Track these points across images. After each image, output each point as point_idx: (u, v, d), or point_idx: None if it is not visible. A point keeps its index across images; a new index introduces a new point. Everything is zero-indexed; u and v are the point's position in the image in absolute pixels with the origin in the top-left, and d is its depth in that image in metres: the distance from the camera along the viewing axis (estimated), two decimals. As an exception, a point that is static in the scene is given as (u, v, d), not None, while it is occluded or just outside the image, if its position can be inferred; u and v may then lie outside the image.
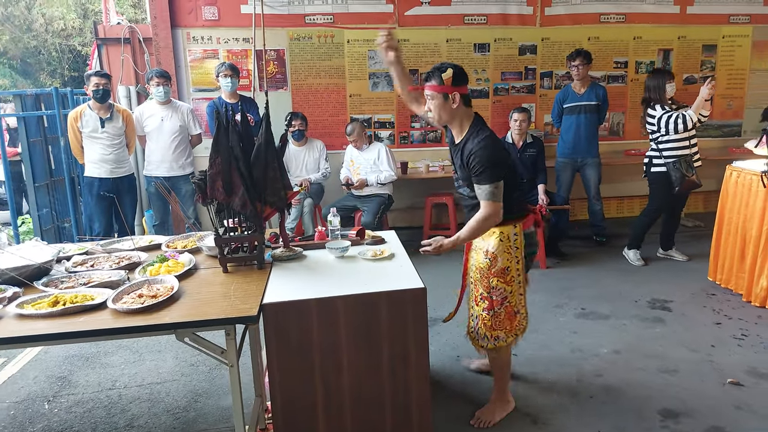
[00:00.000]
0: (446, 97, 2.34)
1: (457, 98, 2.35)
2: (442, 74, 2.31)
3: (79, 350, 3.40)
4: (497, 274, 2.40)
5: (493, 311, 2.44)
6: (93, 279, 2.25)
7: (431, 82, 2.36)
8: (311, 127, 5.26)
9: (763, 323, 3.45)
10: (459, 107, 2.37)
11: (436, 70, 2.36)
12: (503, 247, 2.39)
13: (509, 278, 2.41)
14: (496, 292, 2.42)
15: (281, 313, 2.04)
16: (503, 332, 2.46)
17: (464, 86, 2.38)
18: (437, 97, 2.36)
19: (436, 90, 2.35)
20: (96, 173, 4.40)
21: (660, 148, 4.35)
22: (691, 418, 2.53)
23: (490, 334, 2.46)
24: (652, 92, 4.35)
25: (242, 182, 2.26)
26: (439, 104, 2.37)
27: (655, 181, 4.47)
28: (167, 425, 2.63)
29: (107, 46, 5.47)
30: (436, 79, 2.34)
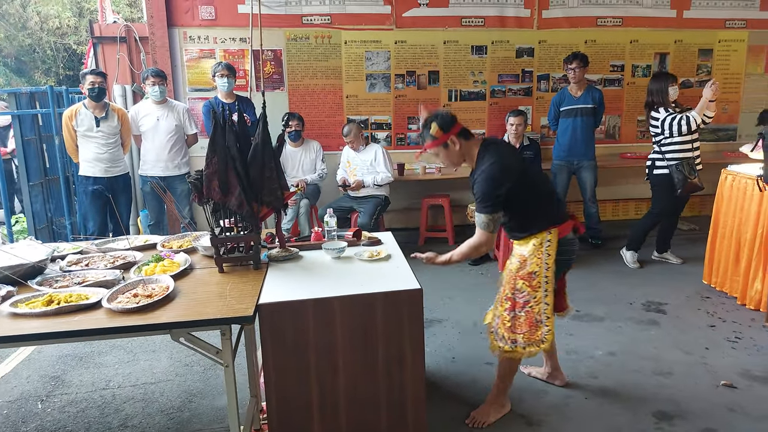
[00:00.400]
0: (446, 145, 2.40)
1: (456, 140, 2.39)
2: (430, 131, 2.38)
3: (73, 350, 3.38)
4: (524, 277, 2.40)
5: (514, 313, 2.42)
6: (88, 278, 2.24)
7: (426, 142, 2.43)
8: (308, 128, 5.26)
9: (756, 326, 3.47)
10: (461, 146, 2.41)
11: (423, 129, 2.43)
12: (535, 252, 2.38)
13: (535, 283, 2.38)
14: (519, 295, 2.41)
15: (277, 313, 2.04)
16: (522, 337, 2.40)
17: (455, 126, 2.41)
18: (440, 150, 2.44)
19: (434, 146, 2.42)
20: (90, 172, 4.38)
21: (663, 151, 4.35)
22: (685, 419, 2.54)
23: (508, 336, 2.44)
24: (655, 95, 4.35)
25: (239, 182, 2.26)
26: (444, 154, 2.45)
27: (658, 184, 4.46)
28: (161, 425, 2.62)
29: (103, 44, 5.45)
30: (428, 138, 2.40)
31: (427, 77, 5.70)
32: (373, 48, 5.57)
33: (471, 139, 2.45)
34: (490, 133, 5.84)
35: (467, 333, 3.47)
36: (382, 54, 5.59)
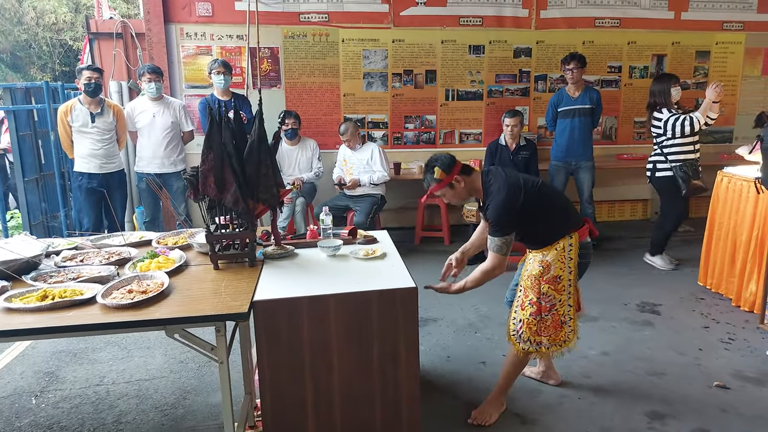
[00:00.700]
0: (451, 185, 2.48)
1: (460, 179, 2.47)
2: (434, 175, 2.46)
3: (67, 346, 3.37)
4: (549, 281, 2.44)
5: (540, 317, 2.46)
6: (82, 274, 2.23)
7: (432, 185, 2.49)
8: (304, 126, 5.26)
9: (750, 327, 3.49)
10: (466, 183, 2.48)
11: (426, 174, 2.50)
12: (558, 257, 2.43)
13: (560, 287, 2.44)
14: (545, 299, 2.45)
15: (272, 310, 2.04)
16: (547, 339, 2.47)
17: (456, 166, 2.48)
18: (446, 191, 2.51)
19: (440, 188, 2.49)
20: (85, 168, 4.36)
21: (665, 153, 4.36)
22: (677, 420, 2.55)
23: (534, 339, 2.47)
24: (658, 96, 4.36)
25: (234, 179, 2.26)
26: (451, 194, 2.53)
27: (663, 187, 4.46)
28: (155, 422, 2.62)
29: (99, 40, 5.43)
30: (433, 181, 2.48)
31: (424, 76, 5.70)
32: (371, 46, 5.57)
33: (472, 173, 2.52)
34: (486, 133, 5.85)
35: (462, 332, 3.48)
36: (380, 52, 5.59)
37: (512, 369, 2.59)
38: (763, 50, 6.14)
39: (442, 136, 5.85)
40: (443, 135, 5.86)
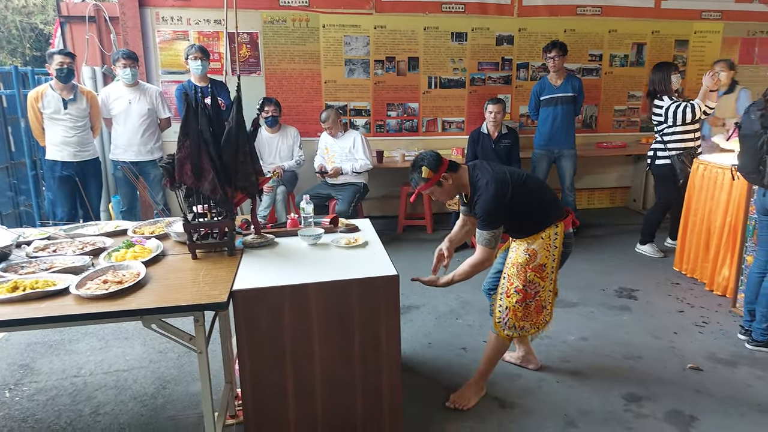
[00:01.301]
0: (439, 183, 2.47)
1: (447, 176, 2.47)
2: (422, 174, 2.45)
3: (43, 337, 3.31)
4: (535, 269, 2.48)
5: (525, 303, 2.50)
6: (55, 264, 2.18)
7: (420, 185, 2.48)
8: (285, 114, 5.20)
9: (723, 311, 3.56)
10: (453, 180, 2.48)
11: (414, 172, 2.49)
12: (544, 245, 2.47)
13: (544, 274, 2.49)
14: (530, 286, 2.49)
15: (252, 299, 2.02)
16: (529, 323, 2.54)
17: (443, 164, 2.47)
18: (434, 190, 2.51)
19: (428, 186, 2.48)
20: (58, 156, 4.26)
21: (665, 140, 4.39)
22: (653, 401, 2.60)
23: (518, 325, 2.52)
24: (658, 84, 4.38)
25: (212, 166, 2.22)
26: (439, 192, 2.52)
27: (661, 175, 4.50)
28: (134, 412, 2.59)
29: (71, 24, 5.28)
30: (421, 180, 2.47)
31: (406, 64, 5.67)
32: (352, 33, 5.51)
33: (459, 169, 2.52)
34: (469, 121, 5.85)
35: (443, 319, 3.50)
36: (361, 39, 5.54)
37: (493, 354, 2.62)
38: (740, 39, 6.23)
39: (424, 124, 5.84)
40: (426, 123, 5.84)
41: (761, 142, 2.75)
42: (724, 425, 2.43)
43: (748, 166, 2.91)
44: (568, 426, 2.44)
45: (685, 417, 2.49)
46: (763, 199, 2.92)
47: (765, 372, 2.84)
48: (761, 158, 2.77)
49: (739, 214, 3.51)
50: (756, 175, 2.85)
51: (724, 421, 2.45)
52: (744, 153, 2.94)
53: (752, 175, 2.91)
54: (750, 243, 3.38)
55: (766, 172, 2.77)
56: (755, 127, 2.79)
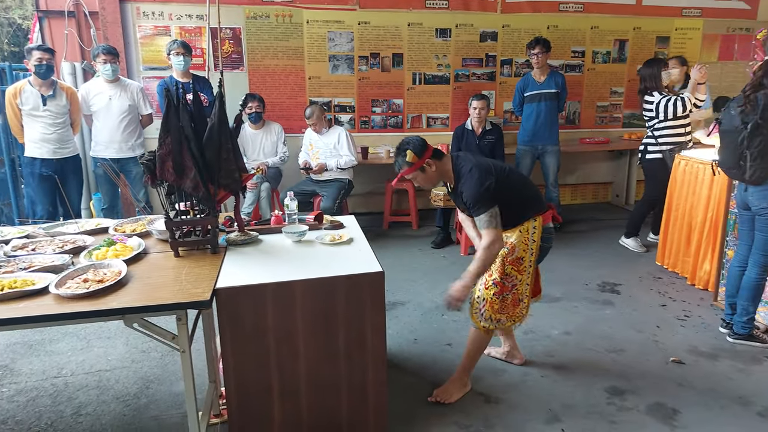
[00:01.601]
0: (422, 169, 2.47)
1: (431, 162, 2.47)
2: (406, 158, 2.45)
3: (22, 338, 3.25)
4: (512, 263, 2.48)
5: (502, 296, 2.51)
6: (34, 263, 2.14)
7: (403, 168, 2.48)
8: (269, 110, 5.16)
9: (704, 305, 3.61)
10: (437, 167, 2.48)
11: (398, 156, 2.49)
12: (521, 238, 2.48)
13: (522, 267, 2.50)
14: (508, 279, 2.50)
15: (235, 297, 2.00)
16: (505, 316, 2.54)
17: (428, 149, 2.48)
18: (417, 175, 2.50)
19: (412, 171, 2.48)
20: (37, 153, 4.18)
21: (656, 135, 4.43)
22: (636, 394, 2.63)
23: (494, 317, 2.52)
24: (648, 81, 4.41)
25: (194, 164, 2.19)
26: (422, 178, 2.51)
27: (651, 169, 4.54)
28: (117, 412, 2.56)
29: (49, 19, 5.17)
30: (405, 164, 2.47)
31: (391, 60, 5.66)
32: (336, 28, 5.48)
33: (443, 157, 2.53)
34: (453, 117, 5.86)
35: (429, 315, 3.50)
36: (345, 35, 5.51)
37: (474, 348, 2.63)
38: (720, 36, 6.31)
39: (409, 120, 5.83)
40: (411, 119, 5.84)
41: (741, 138, 2.78)
42: (705, 418, 2.46)
43: (728, 161, 2.94)
44: (552, 420, 2.46)
45: (668, 410, 2.52)
46: (743, 194, 2.96)
47: (746, 365, 2.89)
48: (741, 153, 2.81)
49: (720, 209, 3.56)
50: (737, 170, 2.89)
51: (706, 414, 2.49)
52: (724, 148, 2.97)
53: (733, 170, 2.94)
54: (731, 237, 3.43)
55: (746, 167, 2.80)
56: (735, 122, 2.83)
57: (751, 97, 2.75)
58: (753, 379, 2.76)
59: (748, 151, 2.77)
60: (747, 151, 2.78)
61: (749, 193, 2.90)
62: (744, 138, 2.77)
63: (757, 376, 2.79)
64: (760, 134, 2.73)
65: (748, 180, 2.84)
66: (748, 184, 2.88)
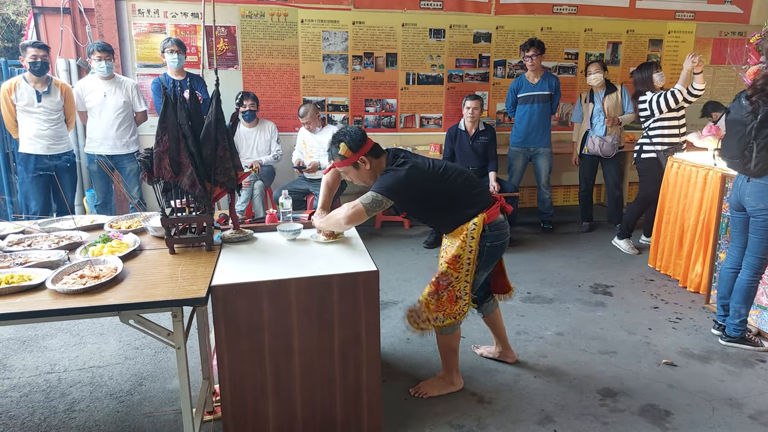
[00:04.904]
0: (356, 165, 2.41)
1: (366, 160, 2.40)
2: (339, 150, 2.37)
3: (16, 333, 3.24)
4: (448, 261, 2.44)
5: (437, 295, 2.46)
6: (30, 259, 2.13)
7: (335, 160, 2.41)
8: (263, 108, 5.16)
9: (696, 307, 3.65)
10: (372, 165, 2.42)
11: (332, 145, 2.41)
12: (458, 236, 2.43)
13: (458, 265, 2.44)
14: (443, 278, 2.45)
15: (230, 295, 2.00)
16: (442, 314, 2.46)
17: (365, 145, 2.39)
18: (349, 170, 2.44)
19: (343, 165, 2.41)
20: (31, 149, 4.17)
21: (651, 135, 4.48)
22: (628, 396, 2.66)
23: (431, 317, 2.47)
24: (640, 85, 4.47)
25: (191, 161, 2.19)
26: (354, 174, 2.46)
27: (645, 169, 4.58)
28: (110, 409, 2.55)
29: (45, 15, 5.15)
30: (337, 157, 2.39)
31: (385, 59, 5.67)
32: (331, 28, 5.49)
33: (381, 155, 2.45)
34: (446, 118, 5.88)
35: (422, 315, 3.51)
36: (340, 34, 5.52)
37: (443, 348, 2.61)
38: (713, 40, 6.36)
39: (402, 120, 5.85)
40: (404, 119, 5.85)
41: (750, 128, 2.78)
42: (696, 419, 2.49)
43: (732, 151, 2.93)
44: (545, 421, 2.47)
45: (659, 411, 2.54)
46: (739, 194, 2.96)
47: (736, 367, 2.92)
48: (748, 144, 2.80)
49: (713, 211, 3.60)
50: (740, 160, 2.88)
51: (697, 416, 2.52)
52: (730, 138, 2.97)
53: (735, 160, 2.93)
54: (723, 240, 3.47)
55: (751, 157, 2.79)
56: (744, 113, 2.81)
57: (765, 89, 2.73)
58: (744, 381, 2.80)
59: (755, 142, 2.77)
60: (753, 142, 2.77)
61: (747, 192, 2.90)
62: (752, 128, 2.77)
63: (749, 378, 2.82)
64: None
65: (752, 171, 2.82)
66: (750, 175, 2.86)
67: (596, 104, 5.01)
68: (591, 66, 4.96)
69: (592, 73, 4.91)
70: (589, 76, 4.94)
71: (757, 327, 3.24)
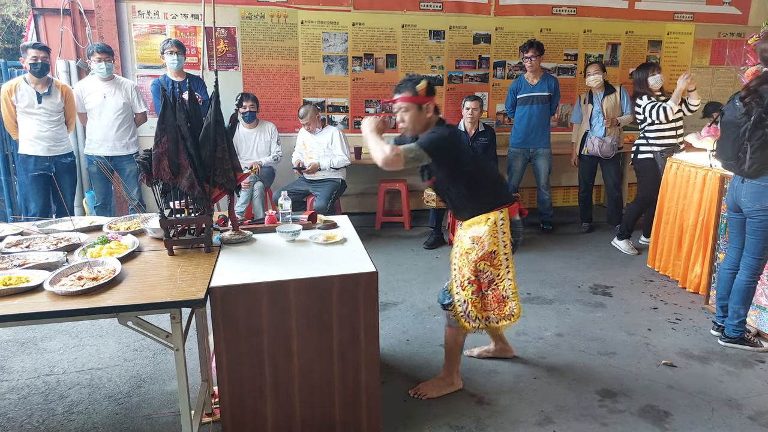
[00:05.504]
0: (420, 107, 2.43)
1: (431, 108, 2.45)
2: (416, 85, 2.40)
3: (14, 335, 3.23)
4: (485, 258, 2.44)
5: (482, 293, 2.48)
6: (28, 260, 2.13)
7: (404, 93, 2.43)
8: (263, 109, 5.16)
9: (695, 308, 3.65)
10: (430, 117, 2.46)
11: (408, 81, 2.44)
12: (490, 231, 2.43)
13: (496, 262, 2.45)
14: (483, 275, 2.46)
15: (229, 296, 2.00)
16: (493, 314, 2.49)
17: (434, 96, 2.49)
18: (412, 108, 2.44)
19: (412, 101, 2.42)
20: (31, 150, 4.17)
21: (647, 137, 4.51)
22: (628, 397, 2.65)
23: (481, 316, 2.49)
24: (637, 86, 4.53)
25: (190, 162, 2.19)
26: (413, 114, 2.45)
27: (642, 169, 4.61)
28: (109, 411, 2.55)
29: (45, 16, 5.16)
30: (410, 90, 2.41)
31: (384, 61, 5.67)
32: (331, 29, 5.49)
33: (438, 115, 2.53)
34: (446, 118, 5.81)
35: (421, 315, 3.51)
36: (340, 36, 5.52)
37: (450, 345, 2.63)
38: (711, 41, 6.37)
39: (402, 121, 5.84)
40: (404, 120, 5.84)
41: (743, 130, 2.78)
42: (695, 420, 2.49)
43: (727, 153, 2.93)
44: (544, 422, 2.47)
45: (659, 412, 2.54)
46: (735, 195, 2.96)
47: (736, 368, 2.92)
48: (742, 145, 2.81)
49: (711, 212, 3.60)
50: (735, 161, 2.88)
51: (696, 416, 2.51)
52: (725, 139, 2.97)
53: (730, 162, 2.93)
54: (722, 241, 3.47)
55: (745, 158, 2.80)
56: (738, 114, 2.82)
57: (758, 91, 2.74)
58: (743, 382, 2.79)
59: (748, 143, 2.77)
60: (748, 143, 2.78)
61: (743, 193, 2.90)
62: (746, 130, 2.77)
63: (748, 379, 2.82)
64: (762, 127, 2.73)
65: (746, 172, 2.83)
66: (745, 176, 2.87)
67: (595, 105, 5.03)
68: (590, 67, 4.99)
69: (592, 74, 4.93)
70: (589, 77, 4.96)
71: (756, 327, 3.24)
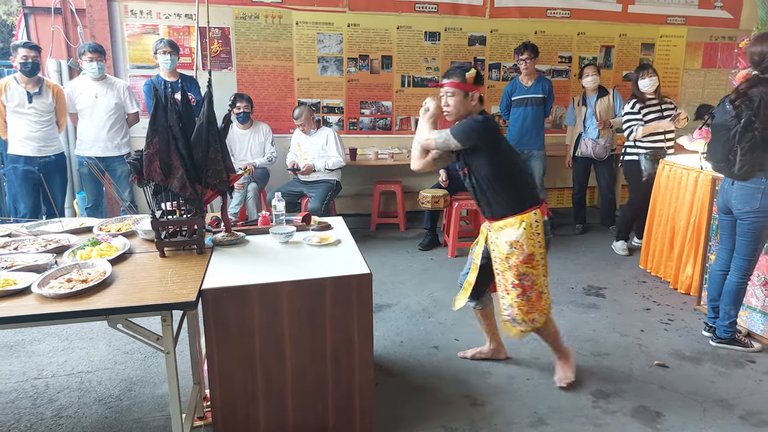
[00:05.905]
0: (466, 94, 2.51)
1: (476, 96, 2.53)
2: (466, 73, 2.50)
3: (2, 338, 3.19)
4: (525, 261, 2.50)
5: (526, 296, 2.54)
6: (16, 262, 2.11)
7: (453, 79, 2.52)
8: (257, 110, 5.14)
9: (687, 309, 3.66)
10: (474, 104, 2.54)
11: (458, 68, 2.53)
12: (528, 234, 2.49)
13: (535, 263, 2.52)
14: (525, 278, 2.52)
15: (221, 298, 1.98)
16: (537, 313, 2.57)
17: (482, 87, 2.60)
18: (458, 94, 2.52)
19: (460, 87, 2.51)
20: (21, 151, 4.13)
21: (635, 139, 4.54)
22: (621, 397, 2.65)
23: (528, 318, 2.56)
24: (632, 87, 4.57)
25: (181, 163, 2.17)
26: (459, 101, 2.53)
27: (629, 171, 4.65)
28: (98, 414, 2.52)
29: (35, 15, 5.11)
30: (459, 77, 2.51)
31: (380, 62, 5.67)
32: (326, 30, 5.48)
33: (482, 106, 2.62)
34: (441, 120, 5.87)
35: (415, 317, 3.50)
36: (335, 37, 5.51)
37: (547, 338, 2.72)
38: (703, 44, 6.40)
39: (398, 122, 5.85)
40: (399, 121, 5.85)
41: (734, 132, 2.80)
42: (687, 420, 2.49)
43: (717, 155, 2.95)
44: (538, 423, 2.47)
45: (651, 413, 2.54)
46: (726, 196, 2.98)
47: (727, 368, 2.93)
48: (732, 148, 2.82)
49: (703, 214, 3.61)
50: (725, 164, 2.90)
51: (688, 417, 2.52)
52: (715, 142, 2.98)
53: (721, 164, 2.95)
54: (714, 242, 3.48)
55: (735, 161, 2.81)
56: (728, 117, 2.83)
57: (747, 94, 2.76)
58: (735, 382, 2.80)
59: (738, 146, 2.79)
60: (738, 146, 2.80)
61: (733, 195, 2.92)
62: (736, 132, 2.79)
63: (739, 379, 2.83)
64: (752, 130, 2.74)
65: (736, 174, 2.85)
66: (735, 178, 2.88)
67: (589, 107, 5.05)
68: (588, 68, 5.03)
69: (589, 75, 4.96)
70: (586, 78, 4.99)
71: (746, 328, 3.25)
